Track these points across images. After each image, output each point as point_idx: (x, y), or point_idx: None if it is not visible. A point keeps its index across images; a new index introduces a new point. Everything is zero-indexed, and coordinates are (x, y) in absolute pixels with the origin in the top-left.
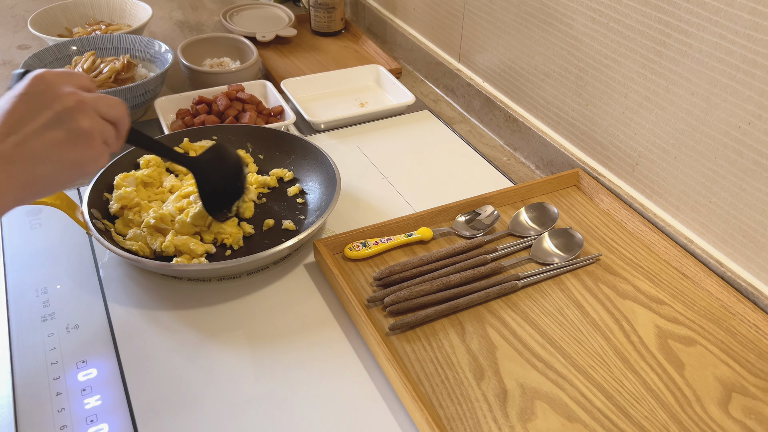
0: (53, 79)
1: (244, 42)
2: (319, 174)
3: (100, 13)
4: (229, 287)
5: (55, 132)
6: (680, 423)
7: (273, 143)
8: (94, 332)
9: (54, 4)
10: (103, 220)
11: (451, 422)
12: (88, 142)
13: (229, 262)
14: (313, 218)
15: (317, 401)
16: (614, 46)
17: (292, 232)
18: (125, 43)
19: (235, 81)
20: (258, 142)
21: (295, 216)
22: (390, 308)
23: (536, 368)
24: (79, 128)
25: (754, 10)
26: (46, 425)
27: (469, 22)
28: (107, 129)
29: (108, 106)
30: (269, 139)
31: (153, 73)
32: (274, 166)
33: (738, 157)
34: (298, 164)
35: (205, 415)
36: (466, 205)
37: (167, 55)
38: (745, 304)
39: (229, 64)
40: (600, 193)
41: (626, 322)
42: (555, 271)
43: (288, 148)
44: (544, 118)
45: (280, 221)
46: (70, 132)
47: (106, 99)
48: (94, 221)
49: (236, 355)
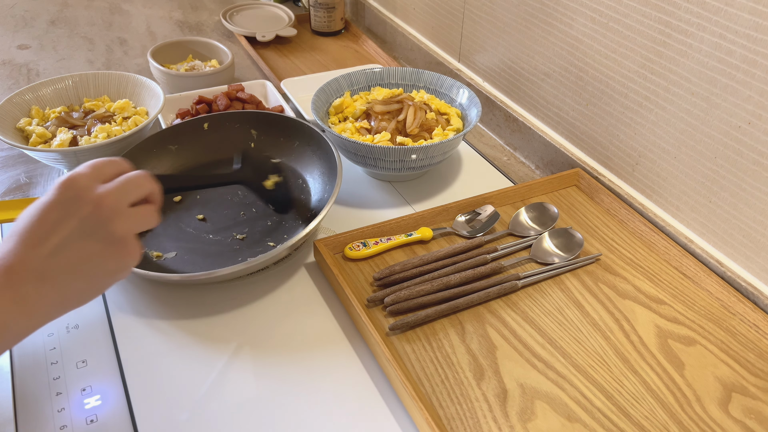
0: (84, 183)
1: (217, 45)
2: (322, 162)
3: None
4: (229, 286)
5: (90, 243)
6: (680, 423)
7: (276, 129)
8: (94, 332)
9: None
10: None
11: (451, 422)
12: (125, 248)
13: (226, 269)
14: (315, 211)
15: (317, 401)
16: (614, 46)
17: (292, 229)
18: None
19: (211, 84)
20: (262, 128)
21: (291, 208)
22: (390, 308)
23: (536, 368)
24: (113, 236)
25: (754, 10)
26: (46, 425)
27: (469, 22)
28: (142, 217)
29: (137, 187)
30: (273, 125)
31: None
32: (279, 153)
33: (738, 157)
34: (302, 151)
35: (206, 415)
36: (466, 204)
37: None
38: (745, 304)
39: (201, 67)
40: (600, 192)
41: (626, 321)
42: (555, 270)
43: (292, 133)
44: (544, 117)
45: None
46: (106, 241)
47: (133, 182)
48: None
49: (236, 354)
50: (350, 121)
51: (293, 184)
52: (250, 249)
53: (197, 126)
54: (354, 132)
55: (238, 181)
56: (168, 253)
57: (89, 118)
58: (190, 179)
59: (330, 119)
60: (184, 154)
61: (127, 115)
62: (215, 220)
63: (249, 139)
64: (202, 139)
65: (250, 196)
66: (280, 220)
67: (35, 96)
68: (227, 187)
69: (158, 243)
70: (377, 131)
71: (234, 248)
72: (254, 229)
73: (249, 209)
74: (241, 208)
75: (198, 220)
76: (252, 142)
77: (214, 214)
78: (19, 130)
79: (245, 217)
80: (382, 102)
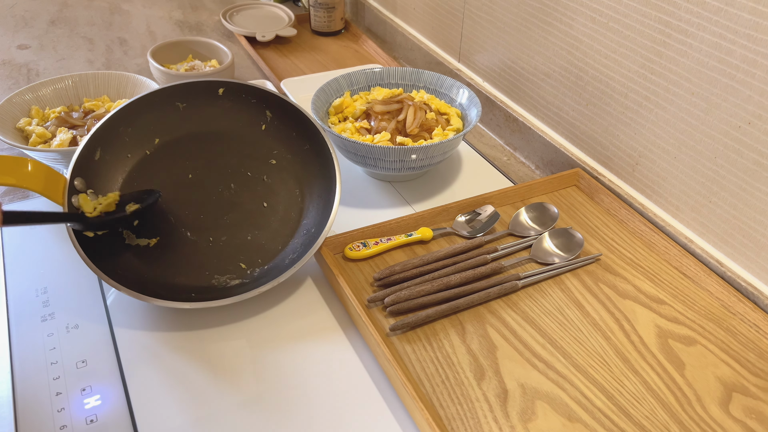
0: None
1: (217, 45)
2: (325, 182)
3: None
4: None
5: None
6: (681, 423)
7: (293, 121)
8: (94, 332)
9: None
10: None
11: (452, 422)
12: None
13: (230, 299)
14: (298, 240)
15: (317, 401)
16: (614, 46)
17: (269, 254)
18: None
19: None
20: (278, 114)
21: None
22: (390, 308)
23: (537, 368)
24: None
25: (754, 10)
26: (46, 425)
27: (469, 22)
28: None
29: None
30: (291, 116)
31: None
32: (286, 149)
33: (738, 157)
34: (310, 159)
35: (206, 415)
36: (466, 205)
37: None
38: (746, 303)
39: (201, 67)
40: (600, 192)
41: (626, 321)
42: (555, 270)
43: (307, 135)
44: (544, 117)
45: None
46: None
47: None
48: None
49: (236, 353)
50: (350, 121)
51: (288, 195)
52: (219, 263)
53: (212, 89)
54: (354, 132)
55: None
56: (141, 239)
57: (89, 118)
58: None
59: (330, 119)
60: (191, 115)
61: None
62: (197, 213)
63: (262, 120)
64: (214, 104)
65: (241, 195)
66: (260, 237)
67: (35, 96)
68: (221, 174)
69: (138, 228)
70: (377, 131)
71: (203, 257)
72: (232, 240)
73: (234, 212)
74: (228, 208)
75: (181, 208)
76: (264, 123)
77: (198, 206)
78: (19, 130)
79: (227, 222)
80: (382, 102)
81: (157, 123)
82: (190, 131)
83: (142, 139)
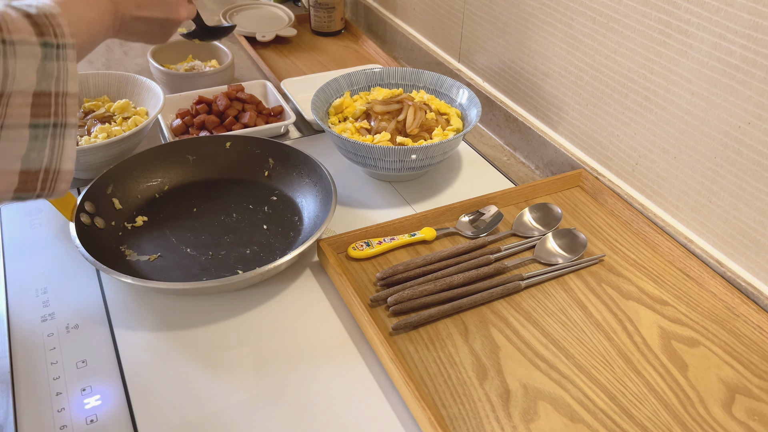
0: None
1: (217, 45)
2: (322, 206)
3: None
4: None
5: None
6: (683, 424)
7: (293, 164)
8: (94, 332)
9: None
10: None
11: (454, 422)
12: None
13: (229, 279)
14: (307, 232)
15: (320, 400)
16: (614, 46)
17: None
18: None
19: (211, 84)
20: (279, 159)
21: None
22: (393, 308)
23: (539, 368)
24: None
25: (754, 10)
26: (46, 425)
27: (469, 22)
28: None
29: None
30: (290, 159)
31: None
32: (287, 188)
33: (738, 157)
34: (308, 190)
35: (206, 415)
36: (470, 205)
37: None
38: (749, 305)
39: (201, 67)
40: (603, 193)
41: (629, 323)
42: (558, 271)
43: (306, 172)
44: (544, 117)
45: None
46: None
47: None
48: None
49: (237, 353)
50: (350, 121)
51: (288, 222)
52: (216, 271)
53: (220, 143)
54: (354, 132)
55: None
56: (142, 256)
57: (89, 118)
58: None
59: (330, 119)
60: (200, 167)
61: (127, 115)
62: (198, 235)
63: (265, 167)
64: (221, 157)
65: (242, 222)
66: (258, 251)
67: None
68: (224, 206)
69: (139, 245)
70: (377, 131)
71: (201, 267)
72: (231, 254)
73: (234, 233)
74: (229, 230)
75: (183, 233)
76: (267, 170)
77: (200, 230)
78: None
79: (227, 240)
80: (382, 102)
81: (168, 173)
82: (198, 179)
83: (152, 185)
